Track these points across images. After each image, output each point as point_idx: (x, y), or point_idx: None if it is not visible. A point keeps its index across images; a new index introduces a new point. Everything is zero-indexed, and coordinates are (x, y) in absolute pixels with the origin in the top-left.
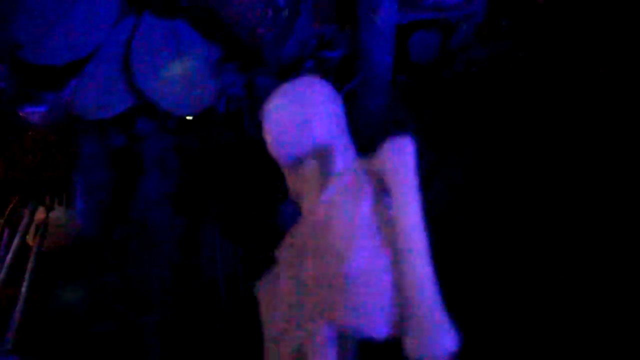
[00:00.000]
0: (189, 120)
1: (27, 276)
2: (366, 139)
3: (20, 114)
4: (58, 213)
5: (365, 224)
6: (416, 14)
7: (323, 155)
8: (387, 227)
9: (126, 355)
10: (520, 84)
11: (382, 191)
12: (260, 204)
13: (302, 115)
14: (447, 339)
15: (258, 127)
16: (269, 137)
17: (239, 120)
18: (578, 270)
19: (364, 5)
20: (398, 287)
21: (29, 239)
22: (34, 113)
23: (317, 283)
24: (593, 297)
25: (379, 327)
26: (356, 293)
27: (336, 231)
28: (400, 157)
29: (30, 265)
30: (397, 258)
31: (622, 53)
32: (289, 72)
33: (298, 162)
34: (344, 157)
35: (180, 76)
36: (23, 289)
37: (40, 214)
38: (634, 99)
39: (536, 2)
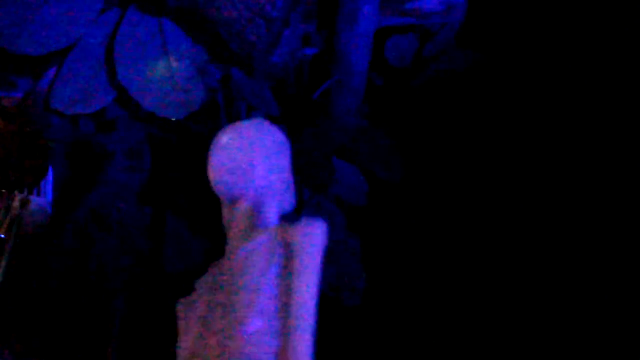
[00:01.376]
0: None
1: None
2: (339, 140)
3: None
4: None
5: (268, 289)
6: (395, 19)
7: (258, 203)
8: (286, 297)
9: (91, 342)
10: (488, 95)
11: (290, 260)
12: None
13: (245, 160)
14: None
15: (233, 120)
16: (211, 174)
17: (214, 112)
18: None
19: (345, 7)
20: (281, 354)
21: (1, 229)
22: (6, 98)
23: (219, 328)
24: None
25: None
26: (244, 352)
27: (243, 288)
28: (308, 243)
29: (6, 257)
30: (284, 329)
31: (593, 63)
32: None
33: (235, 201)
34: (277, 211)
35: (165, 76)
36: None
37: (14, 204)
38: (603, 111)
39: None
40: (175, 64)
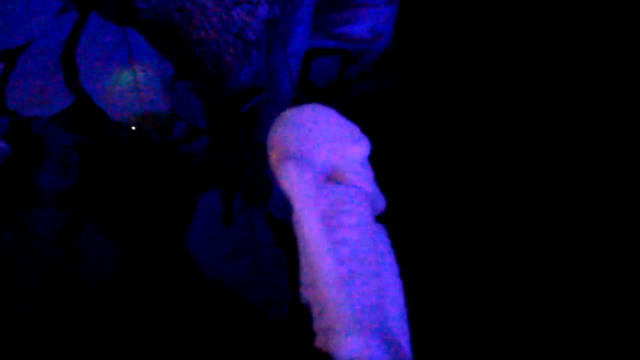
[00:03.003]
0: (90, 118)
1: None
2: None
3: None
4: None
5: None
6: (324, 41)
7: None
8: None
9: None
10: (409, 117)
11: None
12: (152, 211)
13: (301, 147)
14: (352, 342)
15: (162, 130)
16: (274, 167)
17: None
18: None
19: (279, 26)
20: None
21: None
22: None
23: None
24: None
25: None
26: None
27: None
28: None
29: None
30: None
31: (514, 92)
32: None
33: None
34: None
35: (130, 86)
36: None
37: None
38: (518, 126)
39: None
40: (140, 75)
